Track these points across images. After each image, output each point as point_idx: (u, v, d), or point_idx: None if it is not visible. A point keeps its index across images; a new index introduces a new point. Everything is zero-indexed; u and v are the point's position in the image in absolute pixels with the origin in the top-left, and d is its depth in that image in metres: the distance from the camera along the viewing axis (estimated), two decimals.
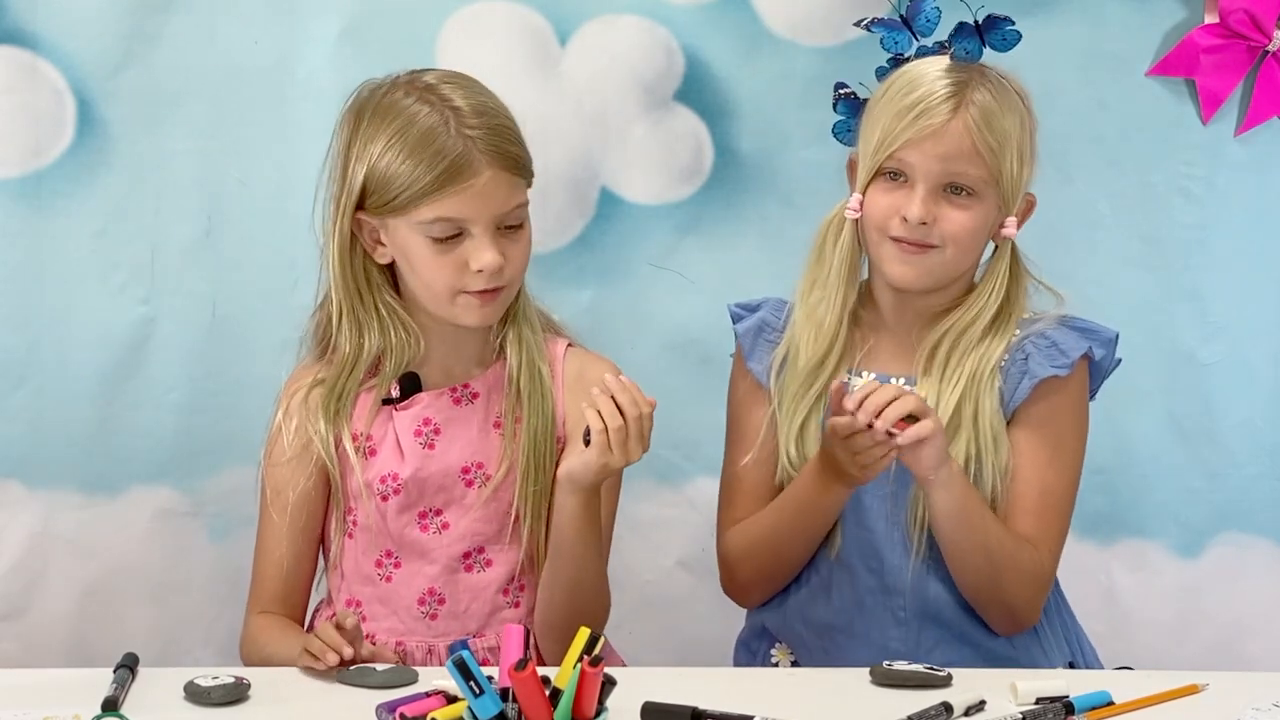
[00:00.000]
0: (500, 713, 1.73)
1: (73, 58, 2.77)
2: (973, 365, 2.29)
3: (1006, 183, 2.28)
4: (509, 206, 2.27)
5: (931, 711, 1.95)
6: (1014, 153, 2.28)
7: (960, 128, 2.26)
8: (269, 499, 2.35)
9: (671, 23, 2.81)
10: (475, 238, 2.25)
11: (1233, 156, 2.85)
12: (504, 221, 2.27)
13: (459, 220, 2.25)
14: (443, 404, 2.34)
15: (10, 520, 2.84)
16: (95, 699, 1.96)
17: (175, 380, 2.84)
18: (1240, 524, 2.90)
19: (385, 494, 2.32)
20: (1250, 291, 2.87)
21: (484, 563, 2.34)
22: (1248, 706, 2.00)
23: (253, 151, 2.80)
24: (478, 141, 2.25)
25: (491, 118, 2.28)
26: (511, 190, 2.27)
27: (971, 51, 2.31)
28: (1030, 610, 2.31)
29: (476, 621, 2.34)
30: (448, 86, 2.29)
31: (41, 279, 2.80)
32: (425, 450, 2.32)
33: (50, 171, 2.79)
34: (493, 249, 2.25)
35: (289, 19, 2.79)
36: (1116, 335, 2.34)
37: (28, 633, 2.84)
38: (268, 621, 2.35)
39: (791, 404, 2.33)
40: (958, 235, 2.27)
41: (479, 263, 2.25)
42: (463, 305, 2.28)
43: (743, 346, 2.40)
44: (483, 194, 2.25)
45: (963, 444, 2.27)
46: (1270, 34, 2.80)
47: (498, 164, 2.25)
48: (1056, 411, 2.31)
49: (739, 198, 2.85)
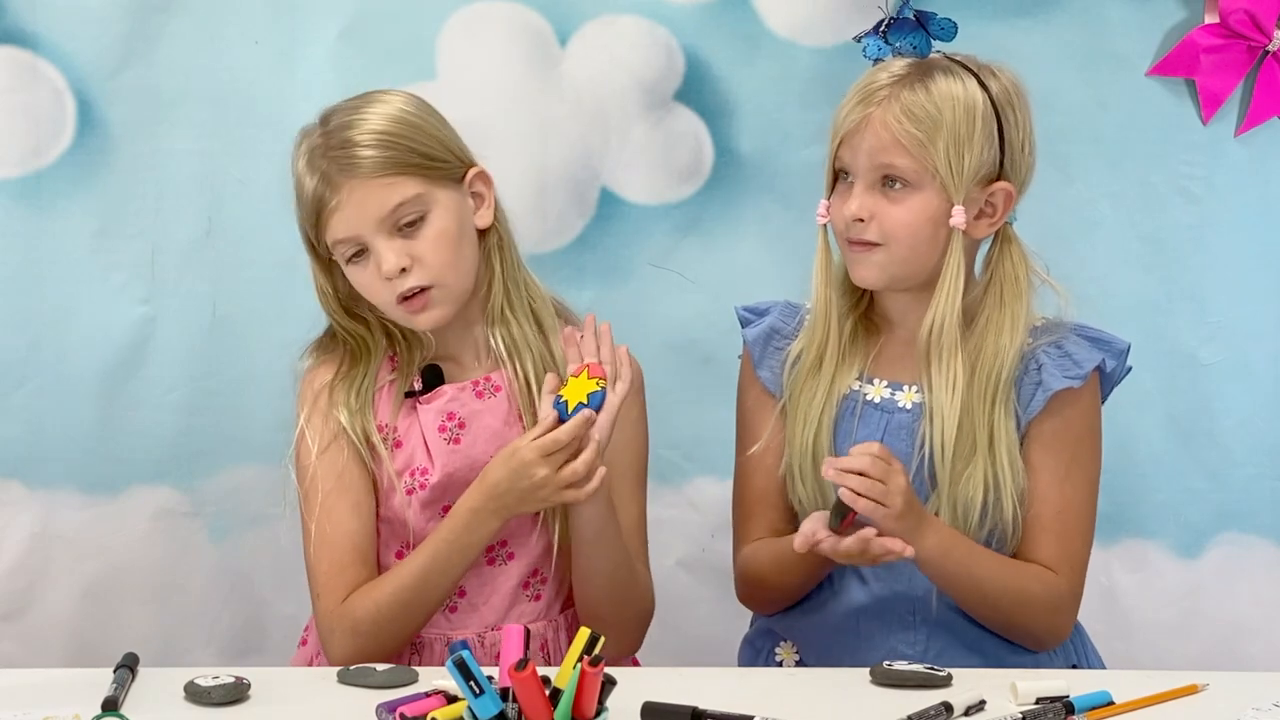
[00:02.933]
0: (500, 713, 1.72)
1: (73, 58, 2.78)
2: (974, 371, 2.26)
3: (945, 171, 2.24)
4: (387, 208, 2.25)
5: (931, 711, 1.95)
6: (949, 143, 2.24)
7: (880, 119, 2.25)
8: (319, 489, 2.31)
9: (671, 23, 2.82)
10: (373, 249, 2.27)
11: (1233, 156, 2.85)
12: (396, 220, 2.26)
13: (349, 239, 2.27)
14: (466, 397, 2.34)
15: (10, 520, 2.84)
16: (95, 699, 1.96)
17: (175, 380, 2.84)
18: (1240, 524, 2.90)
19: (412, 487, 2.32)
20: (1250, 291, 2.87)
21: (506, 556, 2.34)
22: (1248, 706, 2.00)
23: (253, 151, 2.80)
24: (331, 163, 2.26)
25: (351, 131, 2.27)
26: (385, 191, 2.25)
27: (918, 45, 2.30)
28: (1053, 635, 2.31)
29: (495, 614, 2.34)
30: (332, 118, 2.31)
31: (42, 279, 2.81)
32: (451, 445, 2.32)
33: (50, 171, 2.79)
34: (389, 253, 2.25)
35: (289, 19, 2.80)
36: (1128, 346, 2.33)
37: (28, 633, 2.84)
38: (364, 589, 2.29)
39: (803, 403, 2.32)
40: (894, 230, 2.25)
41: (382, 270, 2.26)
42: (400, 316, 2.30)
43: (752, 355, 2.39)
44: (351, 206, 2.26)
45: (980, 471, 2.25)
46: (1270, 34, 2.80)
47: (356, 175, 2.25)
48: (1071, 425, 2.30)
49: (739, 198, 2.85)
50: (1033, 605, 2.27)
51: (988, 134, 2.27)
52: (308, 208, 2.30)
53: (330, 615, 2.28)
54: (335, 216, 2.26)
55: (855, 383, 2.32)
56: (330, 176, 2.26)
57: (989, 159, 2.27)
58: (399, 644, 2.28)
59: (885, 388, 2.31)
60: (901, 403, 2.31)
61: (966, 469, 2.25)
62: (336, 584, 2.29)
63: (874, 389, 2.32)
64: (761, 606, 2.40)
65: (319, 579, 2.30)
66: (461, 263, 2.30)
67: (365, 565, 2.30)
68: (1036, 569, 2.28)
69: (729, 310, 2.48)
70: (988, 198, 2.28)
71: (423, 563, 2.26)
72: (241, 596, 2.87)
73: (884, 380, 2.32)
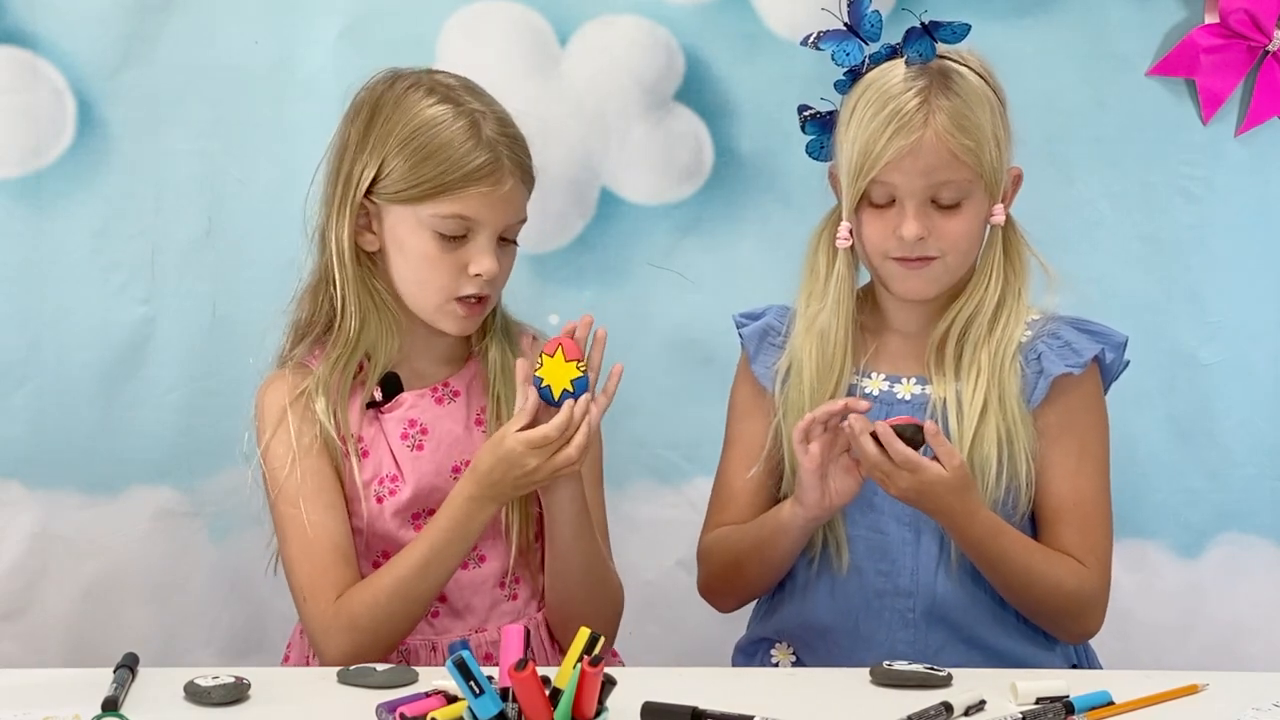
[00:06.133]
0: (500, 712, 1.73)
1: (73, 58, 2.78)
2: (990, 356, 2.28)
3: (989, 174, 2.27)
4: (518, 219, 2.32)
5: (931, 711, 1.95)
6: (990, 143, 2.27)
7: (934, 138, 2.24)
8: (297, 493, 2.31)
9: (671, 23, 2.82)
10: (479, 242, 2.28)
11: (1233, 156, 2.85)
12: (508, 233, 2.32)
13: (472, 220, 2.28)
14: (426, 404, 2.35)
15: (10, 520, 2.84)
16: (95, 699, 1.96)
17: (175, 380, 2.85)
18: (1240, 524, 2.90)
19: (381, 495, 2.33)
20: (1250, 291, 2.87)
21: (478, 559, 2.35)
22: (1248, 706, 2.00)
23: (253, 151, 2.81)
24: (505, 149, 2.29)
25: (514, 129, 2.33)
26: (523, 204, 2.33)
27: (925, 53, 2.29)
28: (1086, 628, 2.34)
29: (478, 617, 2.35)
30: (469, 93, 2.33)
31: (42, 279, 2.81)
32: (414, 452, 2.34)
33: (50, 171, 2.80)
34: (493, 256, 2.28)
35: (289, 19, 2.80)
36: (1126, 339, 2.34)
37: (28, 632, 2.84)
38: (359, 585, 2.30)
39: (797, 417, 2.31)
40: (956, 242, 2.27)
41: (479, 266, 2.28)
42: (448, 312, 2.31)
43: (748, 349, 2.41)
44: (503, 200, 2.29)
45: (992, 427, 2.26)
46: (1270, 34, 2.80)
47: (519, 175, 2.31)
48: (1075, 414, 2.31)
49: (739, 197, 2.86)
50: (1065, 595, 2.28)
51: (1005, 123, 2.30)
52: (446, 163, 2.27)
53: (324, 615, 2.28)
54: (484, 198, 2.27)
55: (853, 377, 2.33)
56: (501, 159, 2.28)
57: (1008, 146, 2.30)
58: (396, 639, 2.28)
59: (883, 380, 2.32)
60: (901, 394, 2.32)
61: (979, 428, 2.26)
62: (323, 584, 2.29)
63: (872, 382, 2.33)
64: (721, 597, 2.40)
65: (305, 582, 2.30)
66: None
67: (349, 565, 2.31)
68: (1067, 562, 2.29)
69: (729, 310, 2.49)
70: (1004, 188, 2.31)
71: (423, 552, 2.26)
72: (241, 596, 2.87)
73: (881, 374, 2.33)
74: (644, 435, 2.81)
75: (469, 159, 2.28)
